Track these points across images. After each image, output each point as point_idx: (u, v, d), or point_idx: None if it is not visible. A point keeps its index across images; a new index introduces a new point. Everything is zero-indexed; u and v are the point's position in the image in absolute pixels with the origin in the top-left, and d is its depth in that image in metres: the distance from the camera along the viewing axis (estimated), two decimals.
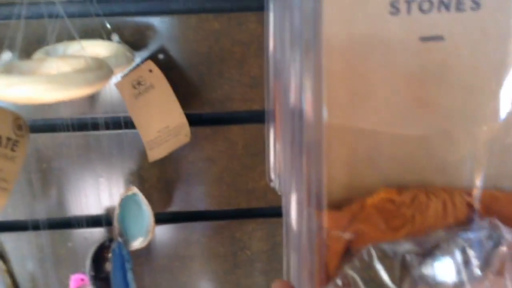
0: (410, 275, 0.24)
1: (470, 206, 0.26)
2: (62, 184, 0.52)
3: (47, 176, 0.51)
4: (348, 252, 0.25)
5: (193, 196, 0.53)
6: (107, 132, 0.50)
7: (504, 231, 0.25)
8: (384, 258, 0.24)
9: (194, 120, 0.48)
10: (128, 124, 0.49)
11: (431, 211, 0.25)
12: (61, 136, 0.50)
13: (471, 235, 0.25)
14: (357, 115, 0.25)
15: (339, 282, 0.24)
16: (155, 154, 0.48)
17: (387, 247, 0.24)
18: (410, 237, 0.25)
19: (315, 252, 0.25)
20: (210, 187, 0.53)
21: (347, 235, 0.25)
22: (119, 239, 0.47)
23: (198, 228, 0.55)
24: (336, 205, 0.26)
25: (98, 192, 0.52)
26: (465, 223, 0.26)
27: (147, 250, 0.54)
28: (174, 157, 0.51)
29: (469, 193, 0.26)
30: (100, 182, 0.52)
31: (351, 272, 0.24)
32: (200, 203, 0.54)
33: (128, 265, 0.44)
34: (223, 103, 0.50)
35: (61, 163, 0.51)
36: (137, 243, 0.49)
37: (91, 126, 0.50)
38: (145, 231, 0.48)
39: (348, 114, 0.25)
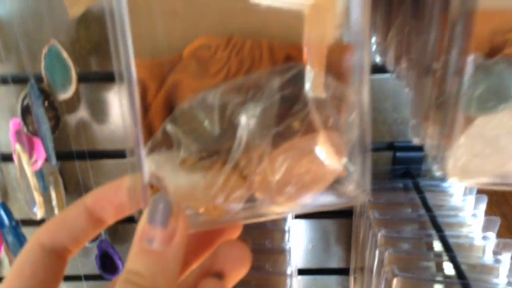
0: (231, 121, 0.23)
1: (289, 57, 0.24)
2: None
3: None
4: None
5: None
6: None
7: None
8: (204, 107, 0.23)
9: None
10: None
11: (246, 52, 0.24)
12: None
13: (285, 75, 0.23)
14: None
15: (158, 136, 0.23)
16: (75, 11, 0.52)
17: (206, 95, 0.23)
18: (229, 81, 0.23)
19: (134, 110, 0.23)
20: None
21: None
22: (46, 88, 0.53)
23: None
24: None
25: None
26: None
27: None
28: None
29: (292, 46, 0.24)
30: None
31: (170, 125, 0.23)
32: None
33: (39, 102, 0.50)
34: None
35: None
36: (63, 94, 0.55)
37: None
38: (68, 82, 0.54)
39: None
